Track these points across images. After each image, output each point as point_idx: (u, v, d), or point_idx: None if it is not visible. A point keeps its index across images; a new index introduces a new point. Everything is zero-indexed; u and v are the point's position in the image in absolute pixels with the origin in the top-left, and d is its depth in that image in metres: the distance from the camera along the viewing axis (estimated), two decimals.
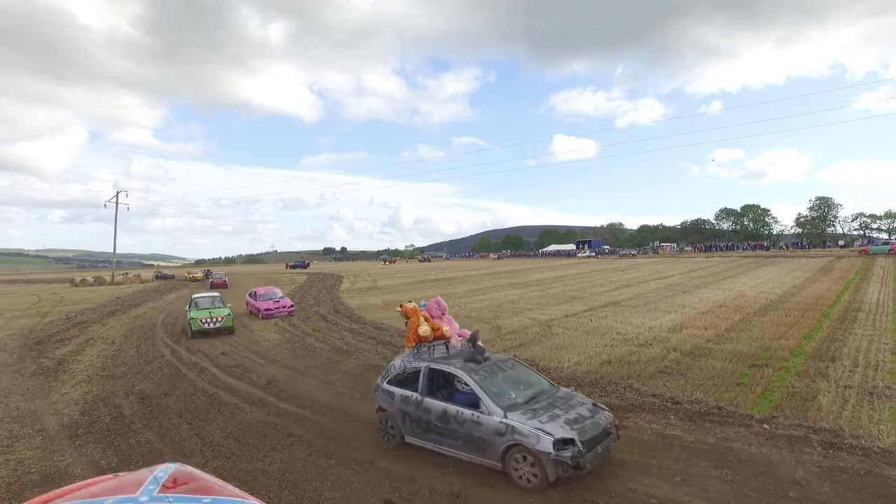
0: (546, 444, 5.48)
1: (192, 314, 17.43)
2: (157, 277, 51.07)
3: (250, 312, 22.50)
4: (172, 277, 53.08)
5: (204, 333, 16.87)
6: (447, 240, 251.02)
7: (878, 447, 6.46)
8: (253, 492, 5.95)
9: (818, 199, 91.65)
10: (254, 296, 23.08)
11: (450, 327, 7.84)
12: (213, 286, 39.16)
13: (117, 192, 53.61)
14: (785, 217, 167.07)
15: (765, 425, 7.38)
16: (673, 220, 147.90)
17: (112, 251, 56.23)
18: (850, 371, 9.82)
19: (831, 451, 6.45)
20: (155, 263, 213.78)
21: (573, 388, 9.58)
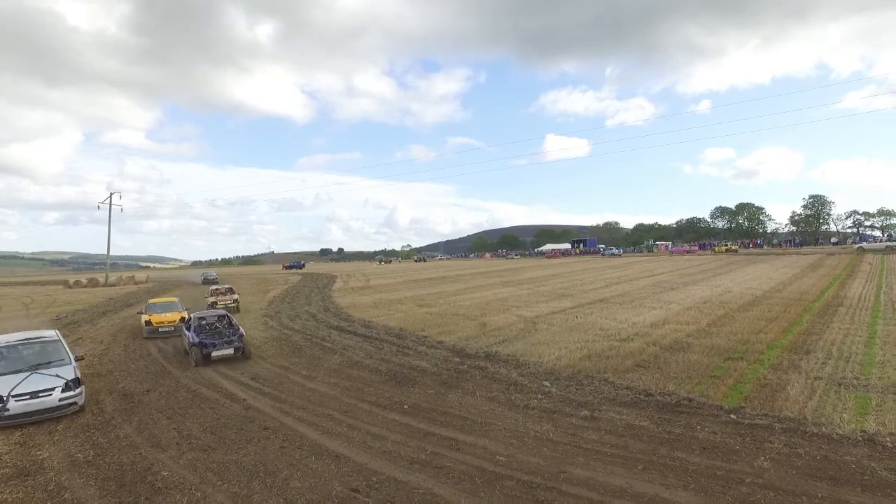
0: None
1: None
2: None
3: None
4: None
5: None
6: (444, 240, 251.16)
7: (836, 434, 6.63)
8: (224, 482, 6.11)
9: (812, 197, 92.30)
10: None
11: None
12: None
13: (111, 194, 53.53)
14: (779, 215, 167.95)
15: (732, 415, 7.54)
16: (668, 218, 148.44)
17: (107, 253, 56.20)
18: (823, 363, 10.00)
19: (792, 439, 6.60)
20: (151, 265, 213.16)
21: (548, 382, 9.76)
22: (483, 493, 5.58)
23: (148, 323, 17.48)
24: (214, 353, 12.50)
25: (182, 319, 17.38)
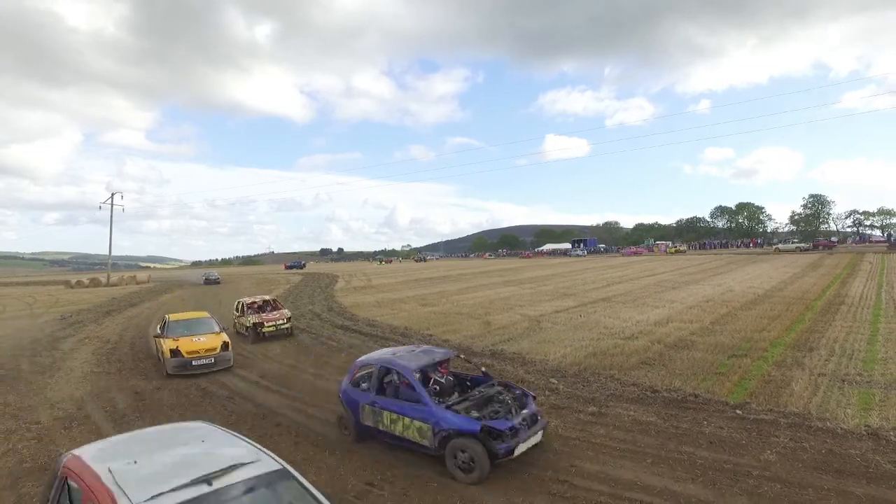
0: None
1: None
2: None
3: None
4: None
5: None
6: (444, 240, 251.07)
7: (841, 428, 6.75)
8: None
9: (811, 196, 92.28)
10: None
11: None
12: None
13: (112, 194, 53.51)
14: (780, 215, 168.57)
15: (737, 411, 7.66)
16: (668, 218, 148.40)
17: (108, 253, 56.29)
18: (826, 360, 10.12)
19: (797, 433, 6.73)
20: (151, 265, 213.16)
21: (555, 379, 9.89)
22: (497, 486, 5.70)
23: (175, 353, 11.59)
24: (521, 448, 5.99)
25: (224, 345, 12.35)
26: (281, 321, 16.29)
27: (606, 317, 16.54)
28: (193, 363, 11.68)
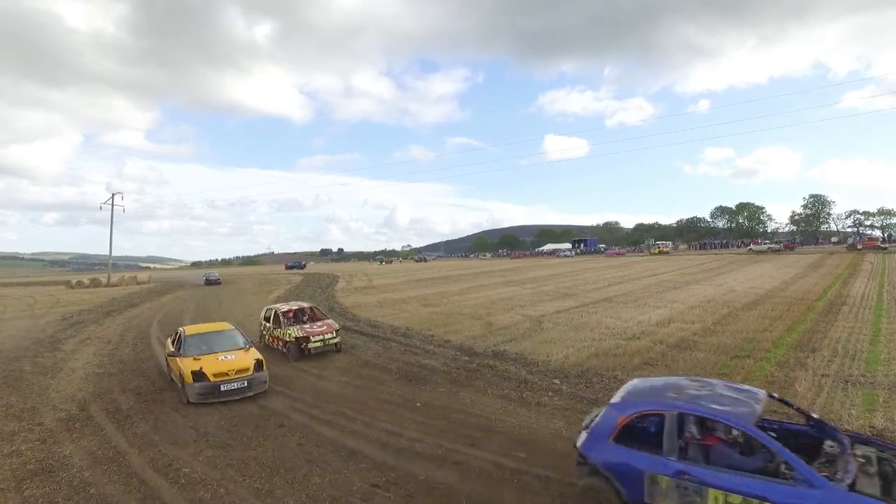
0: None
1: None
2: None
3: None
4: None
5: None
6: (444, 240, 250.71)
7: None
8: (245, 478, 6.21)
9: (812, 196, 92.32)
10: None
11: None
12: None
13: (112, 195, 53.55)
14: (780, 215, 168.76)
15: None
16: (669, 218, 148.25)
17: (108, 253, 56.32)
18: (829, 360, 10.12)
19: None
20: (151, 266, 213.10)
21: (558, 380, 9.87)
22: (503, 488, 5.70)
23: (198, 375, 9.38)
24: None
25: (258, 364, 9.98)
26: (329, 335, 13.49)
27: (608, 317, 16.54)
28: (222, 388, 9.41)
